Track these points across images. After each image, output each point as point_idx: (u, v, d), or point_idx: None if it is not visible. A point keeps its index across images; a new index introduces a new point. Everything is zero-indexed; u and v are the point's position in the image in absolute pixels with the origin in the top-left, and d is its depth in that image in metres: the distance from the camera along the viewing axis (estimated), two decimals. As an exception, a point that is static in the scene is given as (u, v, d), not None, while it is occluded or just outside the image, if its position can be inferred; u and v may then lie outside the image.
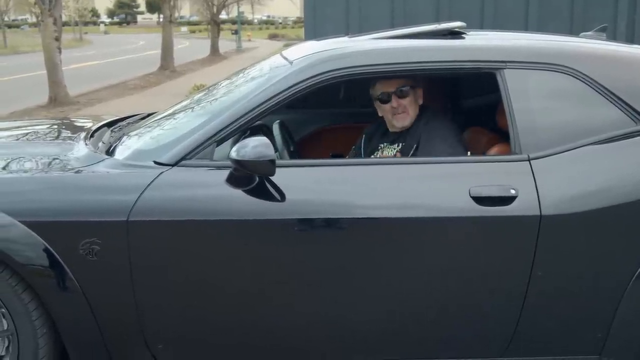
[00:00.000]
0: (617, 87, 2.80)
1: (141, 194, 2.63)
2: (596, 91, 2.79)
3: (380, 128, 3.37)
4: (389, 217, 2.67)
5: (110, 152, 3.04)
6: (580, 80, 2.80)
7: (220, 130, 2.75)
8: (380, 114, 3.28)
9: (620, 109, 2.78)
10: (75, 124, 4.12)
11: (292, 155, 3.23)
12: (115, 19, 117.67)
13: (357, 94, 4.05)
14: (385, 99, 3.18)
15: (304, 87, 2.78)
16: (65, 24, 40.01)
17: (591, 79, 2.80)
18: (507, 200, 2.64)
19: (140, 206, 2.62)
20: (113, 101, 14.80)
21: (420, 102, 3.21)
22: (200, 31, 72.96)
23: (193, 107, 3.28)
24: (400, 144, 3.18)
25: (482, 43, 3.18)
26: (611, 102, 2.79)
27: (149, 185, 2.66)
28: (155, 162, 2.73)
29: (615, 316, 2.76)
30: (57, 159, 3.00)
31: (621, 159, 2.76)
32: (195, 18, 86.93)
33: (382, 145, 3.28)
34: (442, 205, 2.67)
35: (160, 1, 27.94)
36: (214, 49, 33.41)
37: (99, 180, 2.75)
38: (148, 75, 21.41)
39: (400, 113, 3.18)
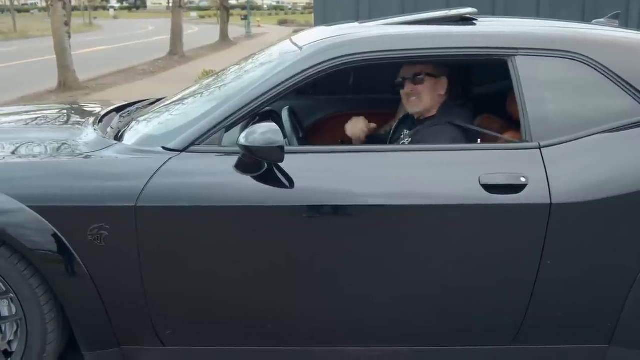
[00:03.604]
0: (629, 74, 2.77)
1: (149, 179, 2.63)
2: (608, 79, 2.77)
3: (412, 116, 3.32)
4: (398, 205, 2.66)
5: (118, 137, 3.04)
6: (592, 67, 2.77)
7: (229, 116, 2.74)
8: None
9: (633, 97, 2.76)
10: (84, 109, 4.12)
11: (301, 142, 3.22)
12: (125, 4, 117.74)
13: (367, 81, 4.05)
14: (401, 85, 3.18)
15: (313, 73, 2.76)
16: (74, 8, 40.11)
17: (603, 66, 2.77)
18: (517, 188, 2.63)
19: (148, 192, 2.62)
20: (122, 86, 14.81)
21: (442, 92, 3.15)
22: (209, 16, 72.88)
23: (202, 93, 3.27)
24: (410, 138, 3.17)
25: (493, 29, 3.16)
26: (623, 90, 2.76)
27: (157, 170, 2.65)
28: (164, 148, 2.73)
29: (625, 305, 2.75)
30: (65, 144, 3.01)
31: (633, 148, 2.73)
32: (204, 3, 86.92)
33: (404, 132, 3.27)
34: (451, 193, 2.66)
35: (169, -14, 27.85)
36: (223, 34, 33.31)
37: (107, 165, 2.75)
38: (157, 60, 21.39)
39: (413, 98, 3.16)
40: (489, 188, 2.63)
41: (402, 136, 3.25)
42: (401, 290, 2.76)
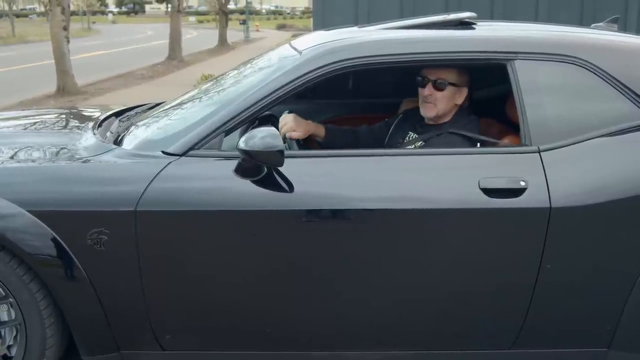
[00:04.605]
0: (628, 79, 2.78)
1: (149, 184, 2.63)
2: (607, 83, 2.77)
3: (418, 114, 3.22)
4: (398, 209, 2.66)
5: (118, 141, 3.04)
6: (591, 71, 2.78)
7: (229, 121, 2.74)
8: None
9: (632, 101, 2.76)
10: (83, 113, 4.12)
11: (301, 146, 3.22)
12: (124, 9, 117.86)
13: (367, 85, 4.04)
14: (422, 84, 3.08)
15: (313, 77, 2.76)
16: (73, 13, 40.05)
17: (602, 70, 2.77)
18: (517, 192, 2.63)
19: (148, 196, 2.61)
20: (121, 91, 14.80)
21: (459, 102, 3.09)
22: (208, 21, 72.97)
23: (201, 97, 3.27)
24: (422, 142, 3.11)
25: (492, 34, 3.17)
26: (622, 94, 2.76)
27: (156, 175, 2.65)
28: (163, 152, 2.73)
29: (625, 309, 2.75)
30: (65, 148, 3.01)
31: (632, 152, 2.73)
32: (203, 8, 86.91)
33: (410, 135, 3.20)
34: (451, 197, 2.66)
35: (168, -9, 27.86)
36: (222, 39, 33.32)
37: (106, 170, 2.75)
38: (156, 65, 21.39)
39: (428, 102, 3.08)
40: (489, 192, 2.63)
41: (408, 139, 3.19)
42: (401, 294, 2.76)
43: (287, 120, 3.11)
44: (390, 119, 3.42)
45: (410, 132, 3.21)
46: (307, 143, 3.30)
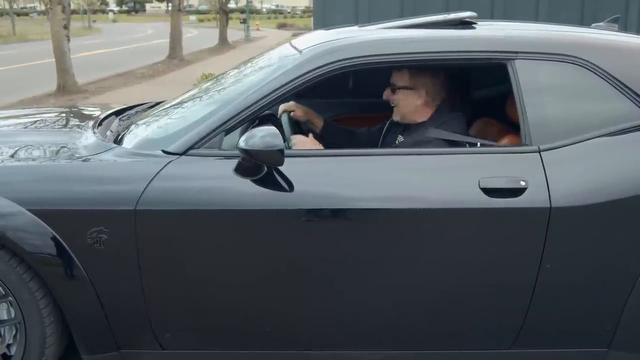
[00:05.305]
0: (629, 78, 2.77)
1: (149, 183, 2.63)
2: (608, 83, 2.77)
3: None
4: (398, 209, 2.66)
5: (118, 140, 3.04)
6: (591, 71, 2.77)
7: (229, 120, 2.74)
8: None
9: (632, 101, 2.76)
10: (84, 112, 4.12)
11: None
12: (124, 8, 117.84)
13: (367, 84, 4.04)
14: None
15: (313, 76, 2.76)
16: (74, 12, 40.05)
17: (603, 70, 2.77)
18: (517, 192, 2.63)
19: (148, 195, 2.61)
20: (121, 89, 14.80)
21: (420, 103, 3.10)
22: (208, 20, 72.97)
23: (201, 96, 3.27)
24: (403, 138, 3.14)
25: (493, 33, 3.16)
26: (623, 93, 2.76)
27: (156, 174, 2.65)
28: (163, 151, 2.73)
29: (625, 309, 2.75)
30: (65, 147, 3.00)
31: (632, 151, 2.73)
32: (203, 7, 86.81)
33: (399, 138, 3.21)
34: (451, 197, 2.65)
35: (168, -10, 27.79)
36: (223, 38, 33.31)
37: (106, 169, 2.75)
38: (156, 64, 21.39)
39: (393, 105, 3.19)
40: (489, 192, 2.63)
41: (397, 142, 3.20)
42: (401, 294, 2.75)
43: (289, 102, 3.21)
44: (383, 123, 3.46)
45: (400, 136, 3.22)
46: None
